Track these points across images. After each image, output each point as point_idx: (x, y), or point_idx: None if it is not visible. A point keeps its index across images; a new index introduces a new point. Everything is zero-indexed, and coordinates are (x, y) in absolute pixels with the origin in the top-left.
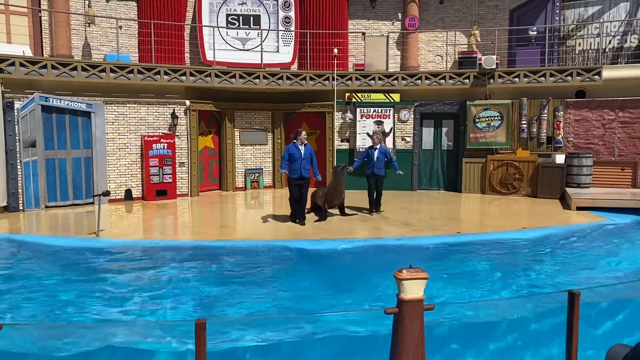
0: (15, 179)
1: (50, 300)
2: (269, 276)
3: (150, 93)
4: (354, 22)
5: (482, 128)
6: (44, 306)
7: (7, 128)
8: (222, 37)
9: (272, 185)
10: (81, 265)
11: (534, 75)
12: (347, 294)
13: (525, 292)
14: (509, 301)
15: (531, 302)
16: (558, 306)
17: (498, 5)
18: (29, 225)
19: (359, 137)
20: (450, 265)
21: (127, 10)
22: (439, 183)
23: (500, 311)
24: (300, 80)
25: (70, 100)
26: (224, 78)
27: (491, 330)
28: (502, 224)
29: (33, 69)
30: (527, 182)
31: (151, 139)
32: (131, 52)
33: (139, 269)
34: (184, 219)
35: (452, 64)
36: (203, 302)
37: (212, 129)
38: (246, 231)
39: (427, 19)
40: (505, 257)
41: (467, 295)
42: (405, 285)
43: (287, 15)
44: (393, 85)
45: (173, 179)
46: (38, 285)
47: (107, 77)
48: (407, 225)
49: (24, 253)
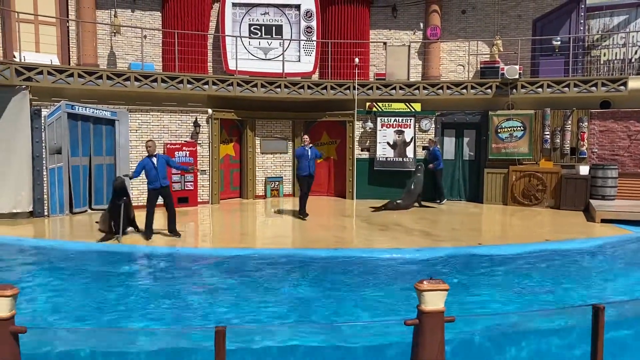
0: (41, 185)
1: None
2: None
3: (173, 101)
4: (375, 31)
5: (505, 138)
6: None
7: (34, 135)
8: (245, 46)
9: (291, 194)
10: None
11: (558, 86)
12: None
13: (550, 306)
14: (529, 314)
15: (554, 316)
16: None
17: (521, 15)
18: (60, 230)
19: (379, 147)
20: (470, 278)
21: (151, 20)
22: (460, 193)
23: (520, 323)
24: (321, 89)
25: (95, 108)
26: (245, 87)
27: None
28: (524, 235)
29: (60, 78)
30: (550, 193)
31: (174, 147)
32: (155, 61)
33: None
34: (207, 226)
35: (474, 73)
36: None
37: (234, 138)
38: (266, 239)
39: (448, 28)
40: (527, 269)
41: (485, 310)
42: (426, 297)
43: (308, 25)
44: (414, 94)
45: (194, 187)
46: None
47: (131, 86)
48: (428, 236)
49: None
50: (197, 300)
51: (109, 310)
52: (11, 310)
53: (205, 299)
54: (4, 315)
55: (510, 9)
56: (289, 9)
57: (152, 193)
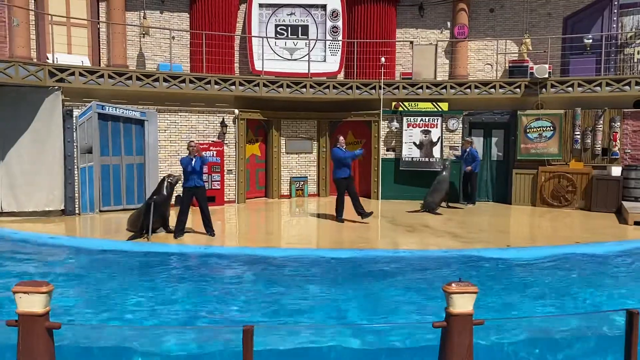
0: (72, 183)
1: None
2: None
3: (200, 102)
4: (402, 30)
5: (534, 138)
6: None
7: (66, 135)
8: (271, 47)
9: (316, 194)
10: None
11: (589, 85)
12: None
13: (583, 310)
14: (562, 319)
15: (587, 320)
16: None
17: (551, 13)
18: (100, 228)
19: (405, 147)
20: (497, 281)
21: (179, 22)
22: (487, 194)
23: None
24: (347, 89)
25: (125, 109)
26: (271, 87)
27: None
28: (554, 237)
29: (91, 79)
30: (581, 194)
31: (201, 147)
32: (183, 62)
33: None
34: (244, 225)
35: (502, 72)
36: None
37: (259, 138)
38: (291, 239)
39: (476, 27)
40: (558, 273)
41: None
42: (454, 299)
43: (334, 25)
44: (441, 94)
45: (221, 186)
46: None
47: (160, 87)
48: (455, 237)
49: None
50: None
51: (163, 311)
52: (46, 307)
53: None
54: (39, 311)
55: (540, 7)
56: (315, 9)
57: (187, 192)
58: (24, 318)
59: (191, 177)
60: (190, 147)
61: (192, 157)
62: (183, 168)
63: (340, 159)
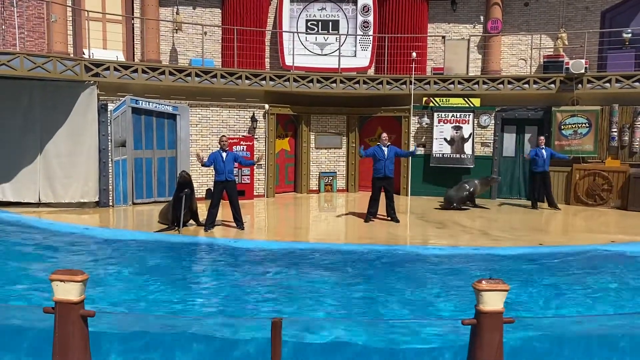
0: (106, 176)
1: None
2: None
3: (231, 97)
4: (433, 25)
5: (568, 135)
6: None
7: (101, 129)
8: (301, 42)
9: (345, 189)
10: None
11: (627, 80)
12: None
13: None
14: (593, 319)
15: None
16: None
17: (589, 7)
18: (135, 220)
19: (435, 142)
20: (527, 278)
21: (212, 17)
22: (520, 192)
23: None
24: (377, 84)
25: (158, 103)
26: (302, 83)
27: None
28: (588, 236)
29: (125, 73)
30: (617, 193)
31: (232, 141)
32: (215, 57)
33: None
34: (274, 220)
35: (537, 68)
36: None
37: (289, 132)
38: (319, 234)
39: (510, 21)
40: (592, 273)
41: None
42: (485, 297)
43: (365, 19)
44: (473, 89)
45: (251, 180)
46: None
47: (192, 81)
48: (485, 235)
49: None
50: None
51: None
52: (81, 295)
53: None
54: (74, 299)
55: (577, 1)
56: (345, 4)
57: (218, 185)
58: (60, 305)
59: (222, 170)
60: (222, 142)
61: (224, 151)
62: (215, 162)
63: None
